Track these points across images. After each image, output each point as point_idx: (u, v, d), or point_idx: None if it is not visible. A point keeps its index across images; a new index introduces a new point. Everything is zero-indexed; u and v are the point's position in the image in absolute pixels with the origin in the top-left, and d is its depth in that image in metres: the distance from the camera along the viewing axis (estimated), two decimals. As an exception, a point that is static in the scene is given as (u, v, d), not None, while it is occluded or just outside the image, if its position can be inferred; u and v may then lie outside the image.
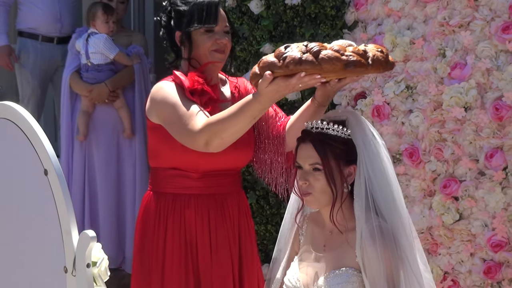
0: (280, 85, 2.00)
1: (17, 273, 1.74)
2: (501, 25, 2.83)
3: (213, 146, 2.22)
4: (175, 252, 2.45)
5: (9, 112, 1.67)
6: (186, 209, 2.48)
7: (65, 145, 4.56)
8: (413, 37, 3.10)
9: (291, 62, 1.94)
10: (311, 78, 1.97)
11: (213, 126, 2.21)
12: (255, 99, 2.11)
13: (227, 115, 2.20)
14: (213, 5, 2.51)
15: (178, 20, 2.52)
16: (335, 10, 3.37)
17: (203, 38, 2.49)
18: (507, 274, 2.86)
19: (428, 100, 3.04)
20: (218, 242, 2.50)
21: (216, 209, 2.51)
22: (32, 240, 1.64)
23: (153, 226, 2.49)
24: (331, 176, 2.06)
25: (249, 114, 2.15)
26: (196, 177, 2.46)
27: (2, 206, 1.76)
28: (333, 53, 1.94)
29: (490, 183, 2.87)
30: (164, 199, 2.50)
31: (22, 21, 4.99)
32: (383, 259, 2.00)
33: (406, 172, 3.13)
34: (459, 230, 2.98)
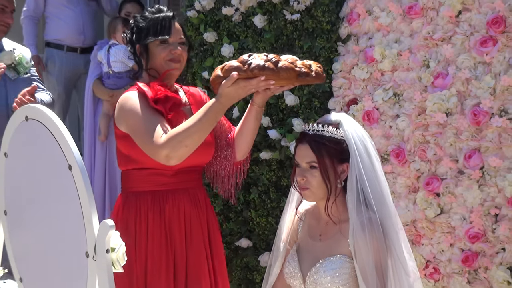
0: (240, 86, 2.11)
1: (45, 257, 1.74)
2: (479, 39, 2.82)
3: (175, 157, 2.24)
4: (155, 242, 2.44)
5: (39, 114, 1.67)
6: (165, 203, 2.47)
7: (88, 144, 4.57)
8: (400, 50, 3.09)
9: (255, 68, 2.08)
10: (266, 83, 2.12)
11: (176, 137, 2.23)
12: (216, 100, 2.18)
13: (191, 123, 2.23)
14: (167, 18, 2.52)
15: (138, 35, 2.54)
16: (330, 25, 3.36)
17: (158, 49, 2.50)
18: (483, 263, 2.85)
19: (413, 106, 3.03)
20: (193, 230, 2.51)
21: (190, 201, 2.52)
22: (57, 228, 1.64)
23: (134, 222, 2.46)
24: (325, 173, 2.08)
25: (212, 116, 2.20)
26: (171, 174, 2.45)
27: (32, 197, 1.77)
28: (289, 64, 2.12)
29: (468, 181, 2.86)
30: (143, 197, 2.48)
31: (49, 33, 5.01)
32: (372, 248, 2.00)
33: (393, 170, 3.12)
34: (440, 223, 2.98)
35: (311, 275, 2.11)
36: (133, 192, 2.52)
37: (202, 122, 2.20)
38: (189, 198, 2.52)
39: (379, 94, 3.16)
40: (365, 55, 3.22)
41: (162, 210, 2.47)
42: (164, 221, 2.46)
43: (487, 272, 2.84)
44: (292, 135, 3.45)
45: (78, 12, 4.95)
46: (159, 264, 2.43)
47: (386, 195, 2.12)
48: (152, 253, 2.43)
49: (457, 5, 2.88)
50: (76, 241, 1.55)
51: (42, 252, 1.74)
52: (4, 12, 3.15)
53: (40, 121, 1.65)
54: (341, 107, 3.33)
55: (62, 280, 1.66)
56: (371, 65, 3.20)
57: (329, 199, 2.11)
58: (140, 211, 2.48)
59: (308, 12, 3.44)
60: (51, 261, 1.70)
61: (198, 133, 2.21)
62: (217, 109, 2.19)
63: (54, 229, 1.66)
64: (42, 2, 4.92)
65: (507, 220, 2.77)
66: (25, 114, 1.73)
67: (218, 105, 2.18)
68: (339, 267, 2.06)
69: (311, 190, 2.11)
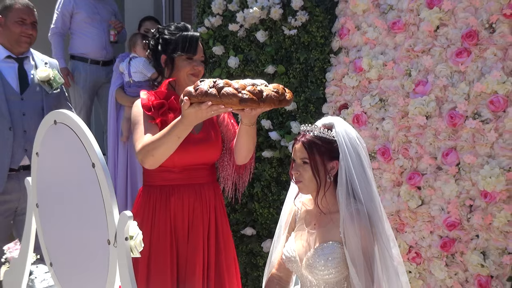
0: (195, 110, 2.05)
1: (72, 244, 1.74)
2: (455, 51, 2.81)
3: (147, 163, 2.27)
4: (160, 233, 2.44)
5: (66, 118, 1.67)
6: (171, 196, 2.46)
7: (112, 145, 4.57)
8: (385, 60, 3.08)
9: (199, 93, 2.01)
10: (218, 107, 2.03)
11: (146, 147, 2.24)
12: (179, 120, 2.14)
13: (158, 137, 2.22)
14: (195, 38, 2.52)
15: (165, 46, 2.53)
16: (323, 39, 3.36)
17: (183, 64, 2.50)
18: (459, 248, 2.84)
19: (397, 110, 3.03)
20: (194, 221, 2.49)
21: (195, 195, 2.49)
22: (82, 218, 1.63)
23: (143, 211, 2.47)
24: (316, 168, 2.09)
25: (175, 133, 2.17)
26: (177, 171, 2.45)
27: (60, 192, 1.77)
28: (232, 90, 2.00)
29: (446, 176, 2.86)
30: (153, 190, 2.49)
31: (74, 47, 5.00)
32: (360, 236, 2.00)
33: (379, 167, 3.11)
34: (421, 213, 2.97)
35: (307, 259, 2.10)
36: (147, 185, 2.54)
37: (167, 137, 2.19)
38: (193, 193, 2.49)
39: (367, 99, 3.15)
40: (354, 66, 3.21)
41: (167, 202, 2.46)
42: (169, 212, 2.46)
43: (463, 256, 2.83)
44: (290, 136, 3.45)
45: (101, 29, 4.97)
46: (163, 250, 2.42)
47: (373, 189, 2.11)
48: (157, 239, 2.43)
49: (435, 21, 2.88)
50: (98, 230, 1.55)
51: (69, 240, 1.73)
52: (24, 24, 3.10)
53: (67, 125, 1.65)
54: (333, 111, 3.33)
55: (87, 264, 1.66)
56: (359, 74, 3.19)
57: (319, 191, 2.11)
58: (149, 202, 2.48)
59: (304, 28, 3.43)
60: (77, 247, 1.69)
61: (163, 146, 2.21)
62: (180, 127, 2.16)
63: (80, 219, 1.65)
64: (68, 20, 4.94)
65: (480, 210, 2.76)
66: (54, 118, 1.72)
67: (181, 125, 2.15)
68: (332, 252, 2.05)
69: (303, 183, 2.13)
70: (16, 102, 3.06)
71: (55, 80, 3.19)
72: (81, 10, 4.91)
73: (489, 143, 2.72)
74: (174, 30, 2.54)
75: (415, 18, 2.98)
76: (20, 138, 3.07)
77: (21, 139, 3.08)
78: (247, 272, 3.74)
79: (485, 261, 2.75)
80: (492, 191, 2.68)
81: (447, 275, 2.89)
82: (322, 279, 2.08)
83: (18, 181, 3.10)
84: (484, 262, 2.75)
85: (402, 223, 3.05)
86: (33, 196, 1.90)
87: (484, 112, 2.73)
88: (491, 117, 2.71)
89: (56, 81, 3.20)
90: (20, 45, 3.12)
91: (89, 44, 4.96)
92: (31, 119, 3.09)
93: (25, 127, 3.08)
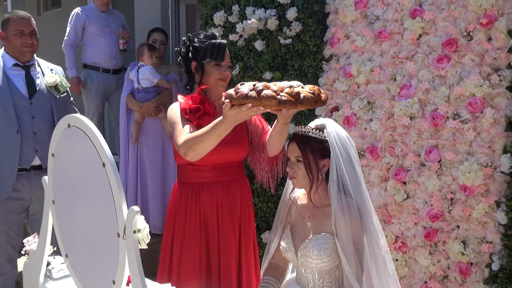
0: (236, 111, 2.00)
1: (85, 237, 1.74)
2: (436, 57, 2.81)
3: (189, 155, 2.23)
4: (192, 225, 2.44)
5: (78, 122, 1.66)
6: (201, 193, 2.46)
7: (123, 146, 4.57)
8: (372, 66, 3.08)
9: (240, 96, 1.95)
10: (257, 109, 1.97)
11: (189, 141, 2.21)
12: (221, 120, 2.10)
13: (201, 133, 2.19)
14: (222, 46, 2.50)
15: (195, 54, 2.50)
16: (316, 47, 3.35)
17: (213, 69, 2.48)
18: (441, 238, 2.84)
19: (384, 112, 3.02)
20: (224, 216, 2.48)
21: (223, 192, 2.49)
22: (94, 213, 1.63)
23: (176, 206, 2.48)
24: (308, 166, 2.09)
25: (216, 132, 2.13)
26: (207, 169, 2.45)
27: (73, 189, 1.76)
28: (271, 92, 1.94)
29: (429, 172, 2.85)
30: (186, 186, 2.49)
31: (87, 57, 5.00)
32: (350, 227, 2.00)
33: (368, 164, 3.11)
34: (406, 206, 2.97)
35: (301, 249, 2.10)
36: (181, 182, 2.54)
37: (208, 134, 2.16)
38: (222, 189, 2.49)
39: (356, 102, 3.15)
40: (344, 71, 3.21)
41: (198, 199, 2.46)
42: (199, 207, 2.46)
43: (445, 245, 2.83)
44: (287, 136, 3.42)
45: (111, 40, 4.97)
46: (193, 241, 2.43)
47: (361, 184, 2.11)
48: (189, 232, 2.44)
49: (418, 30, 2.87)
50: (109, 224, 1.55)
51: (82, 233, 1.73)
52: (23, 35, 3.06)
53: (80, 128, 1.65)
54: (325, 113, 3.32)
55: (99, 255, 1.66)
56: (349, 79, 3.19)
57: (312, 187, 2.11)
58: (182, 197, 2.49)
59: (298, 37, 3.43)
60: (90, 240, 1.69)
61: (204, 142, 2.17)
62: (221, 127, 2.12)
63: (91, 214, 1.65)
64: (80, 32, 4.93)
65: (460, 203, 2.76)
66: (68, 122, 1.72)
67: (222, 125, 2.11)
68: (324, 242, 2.05)
69: (297, 179, 2.13)
70: (25, 106, 3.04)
71: (61, 85, 3.18)
72: (92, 23, 4.91)
73: (468, 141, 2.72)
74: (203, 38, 2.52)
75: (400, 27, 2.97)
76: (30, 140, 3.06)
77: (31, 141, 3.06)
78: (248, 261, 3.73)
79: (465, 250, 2.74)
80: (471, 185, 2.68)
81: (430, 262, 2.89)
82: (315, 267, 2.08)
83: (29, 180, 3.10)
84: (464, 251, 2.74)
85: (389, 215, 3.05)
86: (50, 193, 1.89)
87: (463, 113, 2.73)
88: (469, 118, 2.71)
89: (63, 86, 3.18)
90: (24, 55, 3.09)
91: (100, 54, 4.96)
92: (41, 122, 3.08)
93: (35, 129, 3.06)
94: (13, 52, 3.08)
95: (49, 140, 3.06)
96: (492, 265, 2.65)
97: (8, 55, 3.09)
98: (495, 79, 2.62)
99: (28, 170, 3.09)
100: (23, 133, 3.03)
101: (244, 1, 3.68)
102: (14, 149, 3.02)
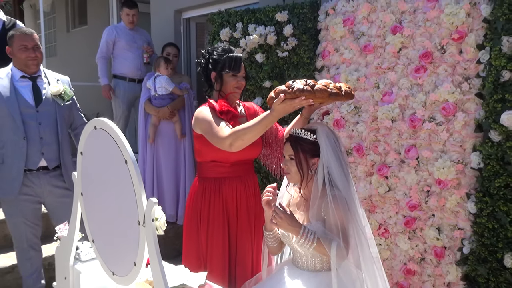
0: (287, 104, 2.03)
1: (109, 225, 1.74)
2: (414, 68, 2.81)
3: (235, 145, 2.20)
4: (216, 213, 2.44)
5: (103, 124, 1.66)
6: (223, 186, 2.45)
7: (141, 146, 4.57)
8: (358, 76, 3.08)
9: (297, 90, 1.99)
10: (307, 101, 2.01)
11: (237, 132, 2.20)
12: (270, 113, 2.11)
13: (250, 125, 2.18)
14: (239, 59, 2.50)
15: (214, 65, 2.49)
16: (309, 59, 3.36)
17: (230, 79, 2.47)
18: (419, 225, 2.84)
19: (368, 116, 3.02)
20: (242, 205, 2.49)
21: (241, 185, 2.49)
22: (117, 204, 1.63)
23: (201, 199, 2.46)
24: (299, 163, 2.10)
25: (264, 123, 2.14)
26: (228, 165, 2.44)
27: (99, 183, 1.76)
28: (323, 86, 2.00)
29: (408, 168, 2.85)
30: (208, 181, 2.48)
31: (116, 68, 5.04)
32: (336, 215, 2.00)
33: (354, 161, 3.11)
34: (388, 197, 2.97)
35: (297, 235, 2.10)
36: (202, 177, 2.51)
37: (256, 126, 2.16)
38: (241, 183, 2.49)
39: (344, 107, 3.15)
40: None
41: (220, 191, 2.46)
42: (222, 199, 2.45)
43: (422, 232, 2.83)
44: (284, 137, 3.43)
45: (137, 54, 5.02)
46: (217, 227, 2.43)
47: (348, 179, 2.11)
48: (213, 220, 2.44)
49: (398, 44, 2.88)
50: (130, 213, 1.54)
51: (107, 221, 1.73)
52: (27, 50, 2.99)
53: (105, 129, 1.64)
54: (318, 117, 3.32)
55: (121, 240, 1.65)
56: (338, 87, 3.19)
57: (303, 182, 2.11)
58: (205, 191, 2.47)
59: (294, 50, 3.43)
60: (113, 227, 1.69)
61: (252, 132, 2.17)
62: (269, 119, 2.13)
63: (115, 205, 1.65)
64: (111, 47, 4.98)
65: (435, 195, 2.76)
66: (94, 124, 1.72)
67: (270, 117, 2.12)
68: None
69: (290, 174, 2.14)
70: (32, 114, 2.98)
71: (66, 94, 3.11)
72: (121, 39, 4.97)
73: (442, 141, 2.72)
74: (221, 52, 2.51)
75: (382, 42, 2.97)
76: (37, 144, 3.00)
77: (38, 145, 3.01)
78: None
79: (440, 235, 2.75)
80: (445, 179, 2.68)
81: (409, 246, 2.89)
82: (308, 250, 2.08)
83: (39, 178, 3.06)
84: (439, 236, 2.75)
85: (373, 205, 3.05)
86: (78, 186, 1.89)
87: (437, 116, 2.73)
88: (443, 120, 2.71)
89: (67, 95, 3.12)
90: (30, 67, 3.02)
91: (128, 66, 5.00)
92: (47, 127, 3.03)
93: (41, 135, 3.01)
94: (19, 65, 3.02)
95: (54, 144, 3.05)
96: (463, 249, 2.65)
97: (16, 68, 3.03)
98: (466, 87, 2.62)
99: (37, 170, 3.05)
100: (30, 139, 2.98)
101: (246, 19, 3.68)
102: (21, 153, 2.97)
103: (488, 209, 2.52)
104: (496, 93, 2.46)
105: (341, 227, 2.00)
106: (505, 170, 2.46)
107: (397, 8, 2.91)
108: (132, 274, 1.59)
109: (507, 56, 2.42)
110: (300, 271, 2.14)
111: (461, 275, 2.67)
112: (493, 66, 2.47)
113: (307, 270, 2.12)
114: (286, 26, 3.43)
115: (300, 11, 3.39)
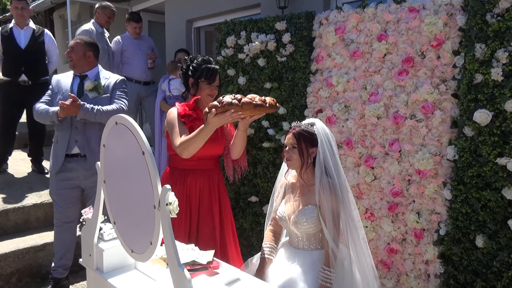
0: (220, 117, 2.09)
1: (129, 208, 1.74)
2: (397, 71, 2.80)
3: (184, 154, 2.27)
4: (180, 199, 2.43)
5: (124, 120, 1.66)
6: (187, 177, 2.47)
7: (158, 140, 4.58)
8: (348, 78, 3.07)
9: (226, 103, 2.05)
10: (237, 114, 2.07)
11: (184, 144, 2.25)
12: (205, 126, 2.18)
13: (191, 137, 2.23)
14: (215, 70, 2.53)
15: (194, 72, 2.52)
16: (305, 64, 3.34)
17: (205, 87, 2.51)
18: (401, 210, 2.84)
19: (357, 113, 3.01)
20: (204, 195, 2.50)
21: (204, 178, 2.50)
22: (136, 190, 1.63)
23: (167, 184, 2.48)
24: (301, 151, 2.10)
25: (203, 134, 2.20)
26: (194, 159, 2.44)
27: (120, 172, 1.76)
28: (248, 100, 2.06)
29: (391, 159, 2.85)
30: (176, 171, 2.50)
31: (124, 72, 5.11)
32: (330, 201, 2.00)
33: (344, 153, 3.10)
34: (374, 185, 2.96)
35: (293, 218, 2.10)
36: (172, 167, 2.54)
37: (196, 138, 2.21)
38: (204, 175, 2.50)
39: (335, 106, 3.14)
40: (327, 82, 3.20)
41: (184, 181, 2.47)
42: (185, 188, 2.47)
43: (404, 215, 2.83)
44: (282, 132, 3.44)
45: (142, 60, 5.14)
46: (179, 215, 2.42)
47: (340, 168, 2.11)
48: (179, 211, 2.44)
49: (383, 50, 2.86)
50: (147, 198, 1.54)
51: (127, 205, 1.73)
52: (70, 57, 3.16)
53: (125, 125, 1.64)
54: (312, 114, 3.31)
55: (140, 223, 1.66)
56: (330, 88, 3.18)
57: (302, 168, 2.11)
58: (172, 179, 2.49)
59: (291, 56, 3.42)
60: (133, 211, 1.69)
61: (195, 143, 2.22)
62: (205, 132, 2.19)
63: (134, 191, 1.65)
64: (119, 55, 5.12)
65: (415, 183, 2.75)
66: (115, 120, 1.71)
67: (206, 130, 2.18)
68: (310, 212, 2.06)
69: (292, 161, 2.14)
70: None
71: (98, 88, 3.19)
72: (127, 48, 5.11)
73: (421, 136, 2.71)
74: (201, 62, 2.53)
75: (369, 48, 2.96)
76: (74, 133, 3.14)
77: (74, 133, 3.14)
78: (253, 227, 3.74)
79: (419, 219, 2.74)
80: (424, 170, 2.67)
81: (392, 228, 2.89)
82: (304, 231, 2.09)
83: (77, 163, 3.16)
84: (418, 220, 2.74)
85: (361, 192, 3.05)
86: (101, 175, 1.89)
87: (418, 114, 2.72)
88: (423, 118, 2.70)
89: (100, 88, 3.19)
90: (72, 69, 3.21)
91: (134, 70, 5.10)
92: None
93: (76, 125, 3.13)
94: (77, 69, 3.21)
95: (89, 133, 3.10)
96: (440, 231, 2.65)
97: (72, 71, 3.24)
98: (443, 88, 2.61)
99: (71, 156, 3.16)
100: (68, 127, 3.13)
101: (250, 28, 3.67)
102: (65, 139, 3.13)
103: (462, 196, 2.52)
104: (470, 93, 2.46)
105: (334, 213, 2.00)
106: (477, 162, 2.45)
107: (382, 19, 2.89)
108: (149, 252, 1.59)
109: (480, 61, 2.41)
110: (296, 250, 2.14)
111: (437, 254, 2.67)
112: (467, 69, 2.46)
113: (303, 250, 2.13)
114: (284, 34, 3.41)
115: (297, 21, 3.37)
